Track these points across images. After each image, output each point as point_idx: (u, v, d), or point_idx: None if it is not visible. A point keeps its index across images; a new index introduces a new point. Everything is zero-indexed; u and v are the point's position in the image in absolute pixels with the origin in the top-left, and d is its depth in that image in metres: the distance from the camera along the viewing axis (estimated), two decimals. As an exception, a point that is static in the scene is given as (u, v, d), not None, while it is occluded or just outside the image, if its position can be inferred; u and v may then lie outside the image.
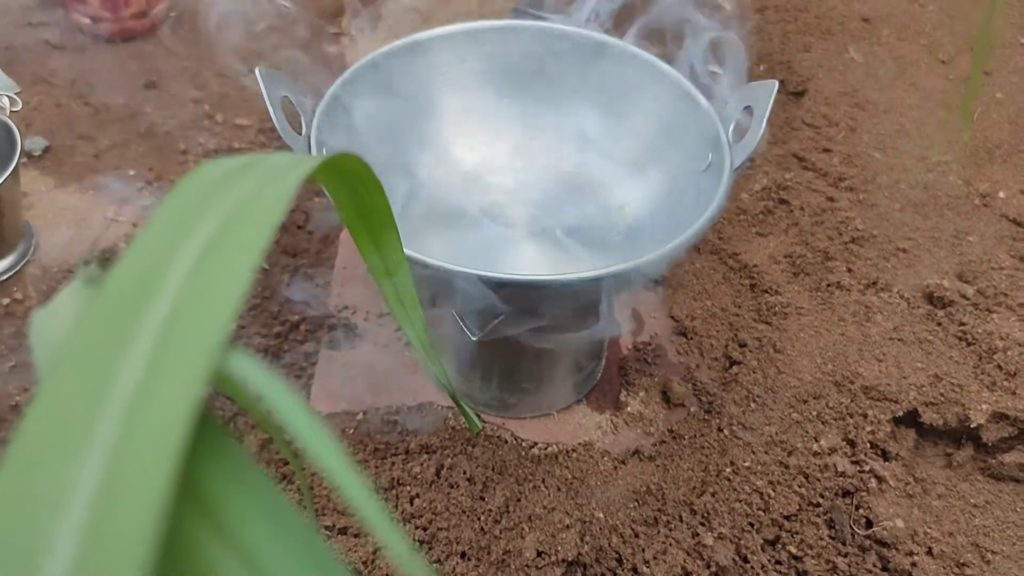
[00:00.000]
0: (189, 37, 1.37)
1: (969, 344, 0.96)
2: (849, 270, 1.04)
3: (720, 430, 0.90)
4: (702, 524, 0.83)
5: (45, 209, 1.10)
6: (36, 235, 1.06)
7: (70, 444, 0.20)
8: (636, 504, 0.84)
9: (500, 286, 0.66)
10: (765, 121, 0.74)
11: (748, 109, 0.78)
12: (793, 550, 0.81)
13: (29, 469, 0.19)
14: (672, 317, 1.01)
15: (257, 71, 0.73)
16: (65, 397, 0.21)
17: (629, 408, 0.92)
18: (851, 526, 0.82)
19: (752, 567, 0.80)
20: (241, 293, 0.23)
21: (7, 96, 1.02)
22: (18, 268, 1.02)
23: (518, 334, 0.78)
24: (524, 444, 0.88)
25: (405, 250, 0.64)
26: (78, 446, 0.19)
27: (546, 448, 0.88)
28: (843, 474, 0.85)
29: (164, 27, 1.38)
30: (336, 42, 1.37)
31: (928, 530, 0.83)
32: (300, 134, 0.74)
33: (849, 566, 0.80)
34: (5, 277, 1.01)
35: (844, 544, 0.82)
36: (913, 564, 0.79)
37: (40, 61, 1.30)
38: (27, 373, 0.92)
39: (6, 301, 0.99)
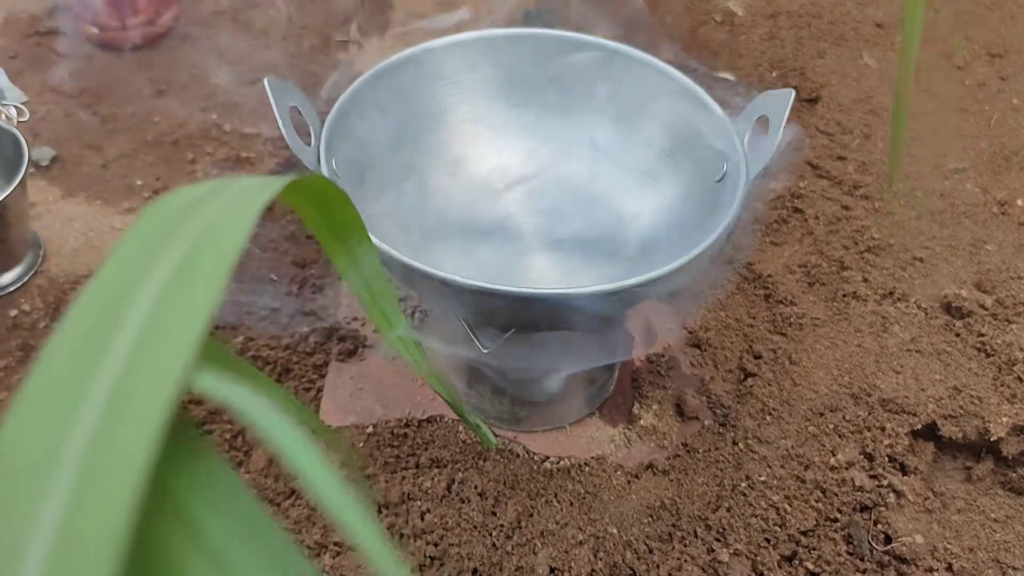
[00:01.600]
0: (197, 46, 1.36)
1: (988, 355, 0.94)
2: (865, 280, 1.02)
3: (735, 444, 0.89)
4: (717, 540, 0.81)
5: (53, 219, 1.09)
6: (44, 246, 1.06)
7: (41, 462, 0.20)
8: (650, 519, 0.83)
9: (510, 299, 0.65)
10: (781, 131, 0.73)
11: (763, 118, 0.77)
12: (810, 566, 0.80)
13: (2, 486, 0.20)
14: (685, 328, 0.99)
15: (265, 81, 0.72)
16: (34, 422, 0.21)
17: (642, 421, 0.91)
18: (870, 542, 0.81)
19: (769, 584, 0.78)
20: (206, 319, 0.23)
21: (15, 106, 1.01)
22: (26, 279, 1.02)
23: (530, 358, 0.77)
24: (536, 458, 0.87)
25: (415, 263, 0.64)
26: (49, 464, 0.20)
27: (558, 462, 0.87)
28: (861, 488, 0.84)
29: (172, 36, 1.37)
30: (344, 50, 1.36)
31: (948, 545, 0.81)
32: (309, 144, 0.73)
33: (868, 583, 0.78)
34: (12, 288, 1.01)
35: (863, 560, 0.80)
36: (933, 581, 0.78)
37: (48, 71, 1.29)
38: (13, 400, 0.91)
39: (13, 313, 0.98)
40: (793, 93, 0.75)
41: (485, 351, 0.77)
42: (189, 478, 0.23)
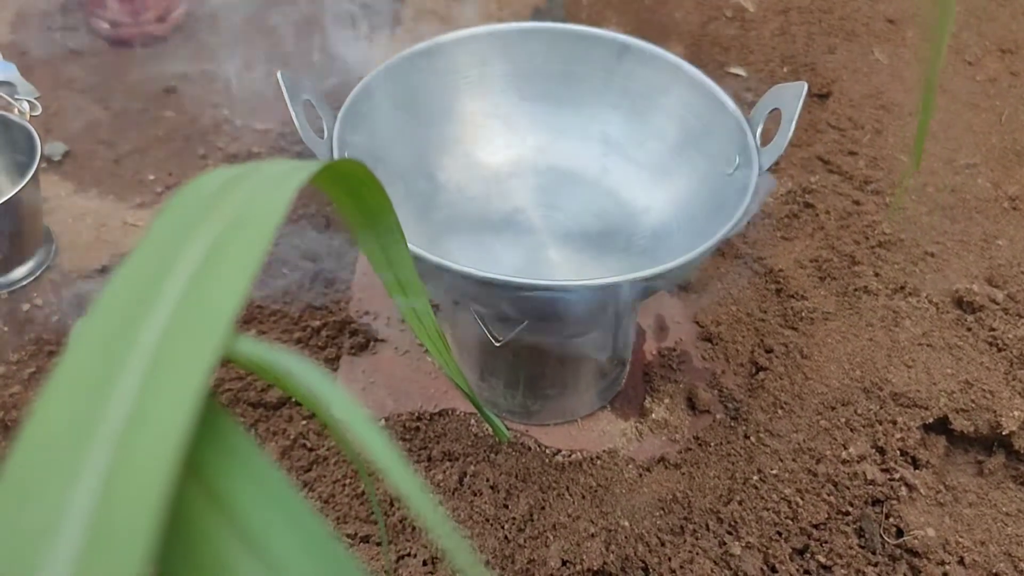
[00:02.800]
0: (208, 41, 1.36)
1: (1000, 350, 0.94)
2: (876, 275, 1.02)
3: (747, 437, 0.89)
4: (729, 533, 0.81)
5: (65, 214, 1.10)
6: (56, 240, 1.06)
7: (74, 442, 0.20)
8: (662, 512, 0.83)
9: (522, 291, 0.65)
10: (794, 124, 0.73)
11: (774, 112, 0.77)
12: (822, 559, 0.80)
13: (33, 468, 0.20)
14: (697, 322, 0.99)
15: (279, 74, 0.72)
16: (67, 402, 0.21)
17: (654, 415, 0.91)
18: (881, 535, 0.81)
19: (781, 577, 0.78)
20: (238, 302, 0.23)
21: (27, 101, 1.01)
22: (38, 274, 1.02)
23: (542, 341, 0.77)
24: (548, 451, 0.87)
25: (429, 255, 0.64)
26: (82, 444, 0.20)
27: (570, 455, 0.87)
28: (873, 482, 0.84)
29: (183, 31, 1.37)
30: (355, 46, 1.37)
31: (960, 539, 0.81)
32: (321, 137, 0.74)
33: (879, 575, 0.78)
34: (25, 282, 1.01)
35: (874, 553, 0.80)
36: (945, 574, 0.78)
37: (60, 66, 1.30)
38: (47, 379, 0.91)
39: (26, 307, 0.99)
40: (806, 86, 0.75)
41: (497, 343, 0.77)
42: (219, 457, 0.23)
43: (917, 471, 0.85)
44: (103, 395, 0.21)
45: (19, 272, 1.01)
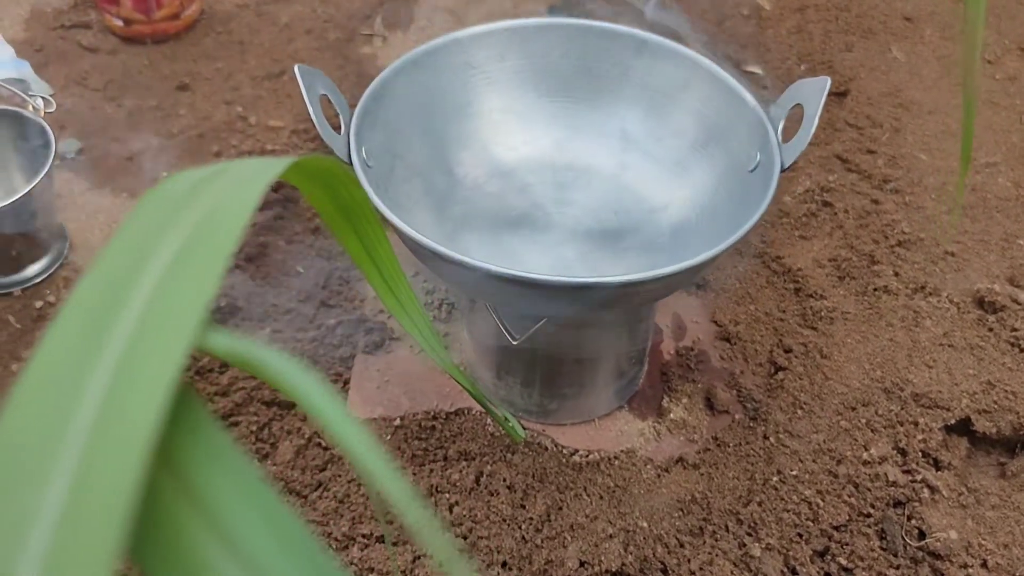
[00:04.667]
0: (221, 39, 1.36)
1: (1022, 350, 0.93)
2: (896, 274, 1.01)
3: (766, 438, 0.88)
4: (749, 534, 0.81)
5: (78, 211, 1.09)
6: (69, 237, 1.05)
7: (45, 441, 0.21)
8: (680, 513, 0.82)
9: (540, 288, 0.64)
10: (816, 119, 0.72)
11: (795, 108, 0.76)
12: (843, 561, 0.79)
13: (5, 466, 0.20)
14: (715, 322, 0.98)
15: (296, 68, 0.71)
16: (38, 401, 0.22)
17: (672, 415, 0.90)
18: (903, 537, 0.80)
19: (802, 579, 0.77)
20: (209, 299, 0.24)
21: (41, 98, 1.01)
22: (52, 271, 1.02)
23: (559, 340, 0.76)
24: (565, 451, 0.86)
25: (446, 251, 0.63)
26: (53, 443, 0.21)
27: (587, 455, 0.86)
28: (894, 483, 0.83)
29: (196, 29, 1.37)
30: (369, 43, 1.36)
31: (982, 541, 0.80)
32: (339, 133, 0.73)
33: (902, 579, 0.77)
34: (39, 279, 1.01)
35: (896, 556, 0.79)
36: (968, 577, 0.77)
37: (73, 63, 1.29)
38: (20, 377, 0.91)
39: (39, 304, 0.98)
40: (829, 81, 0.74)
41: (515, 341, 0.77)
42: (192, 450, 0.23)
43: (939, 473, 0.84)
44: (75, 391, 0.22)
45: (33, 269, 1.01)
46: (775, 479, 0.84)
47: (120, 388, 0.21)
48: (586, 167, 0.88)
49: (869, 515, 0.81)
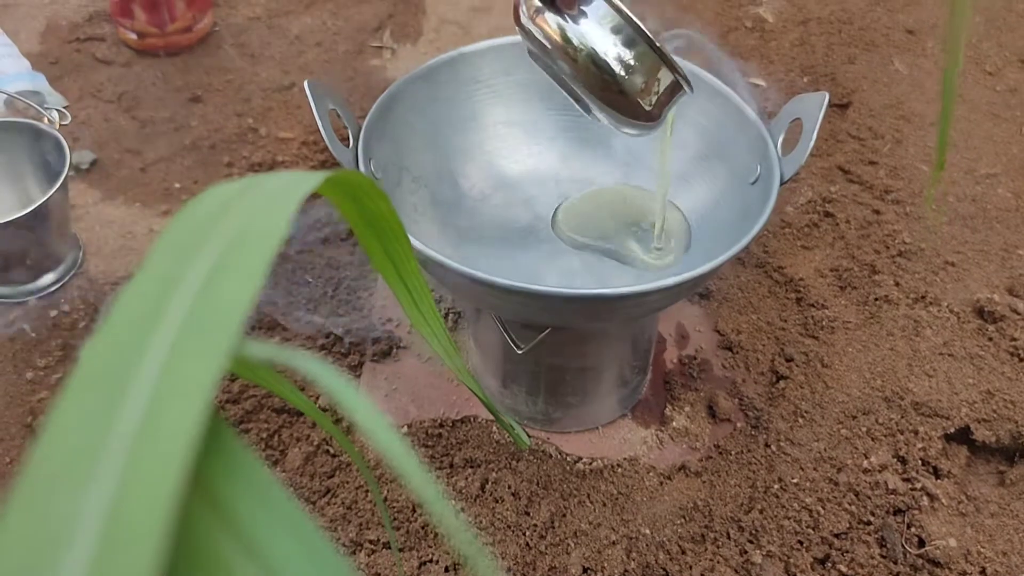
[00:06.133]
0: (233, 51, 1.38)
1: (1021, 359, 0.94)
2: (897, 284, 1.02)
3: (767, 446, 0.89)
4: (750, 541, 0.82)
5: (92, 222, 1.11)
6: (83, 247, 1.07)
7: (86, 451, 0.21)
8: (683, 520, 0.83)
9: (547, 300, 0.66)
10: (815, 133, 0.73)
11: (795, 122, 0.77)
12: (843, 569, 0.80)
13: (48, 478, 0.21)
14: (717, 331, 1.00)
15: (305, 83, 0.73)
16: (80, 413, 0.22)
17: (675, 423, 0.91)
18: (903, 545, 0.81)
19: (802, 585, 0.79)
20: (244, 317, 0.24)
21: (56, 110, 1.03)
22: (65, 280, 1.03)
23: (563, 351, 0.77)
24: (569, 459, 0.88)
25: (452, 262, 0.65)
26: (94, 452, 0.21)
27: (591, 463, 0.88)
28: (894, 491, 0.84)
29: (209, 42, 1.39)
30: (378, 56, 1.38)
31: (982, 549, 0.81)
32: (347, 146, 0.74)
33: (901, 586, 0.78)
34: (53, 289, 1.02)
35: (896, 563, 0.80)
36: (967, 584, 0.78)
37: (88, 76, 1.31)
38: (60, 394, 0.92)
39: (53, 313, 1.00)
40: (828, 96, 0.75)
41: (520, 351, 0.78)
42: (222, 468, 0.23)
43: (939, 481, 0.85)
44: (113, 409, 0.22)
45: (47, 278, 1.02)
46: (776, 487, 0.85)
47: (158, 406, 0.22)
48: (590, 179, 0.90)
49: (869, 523, 0.83)
